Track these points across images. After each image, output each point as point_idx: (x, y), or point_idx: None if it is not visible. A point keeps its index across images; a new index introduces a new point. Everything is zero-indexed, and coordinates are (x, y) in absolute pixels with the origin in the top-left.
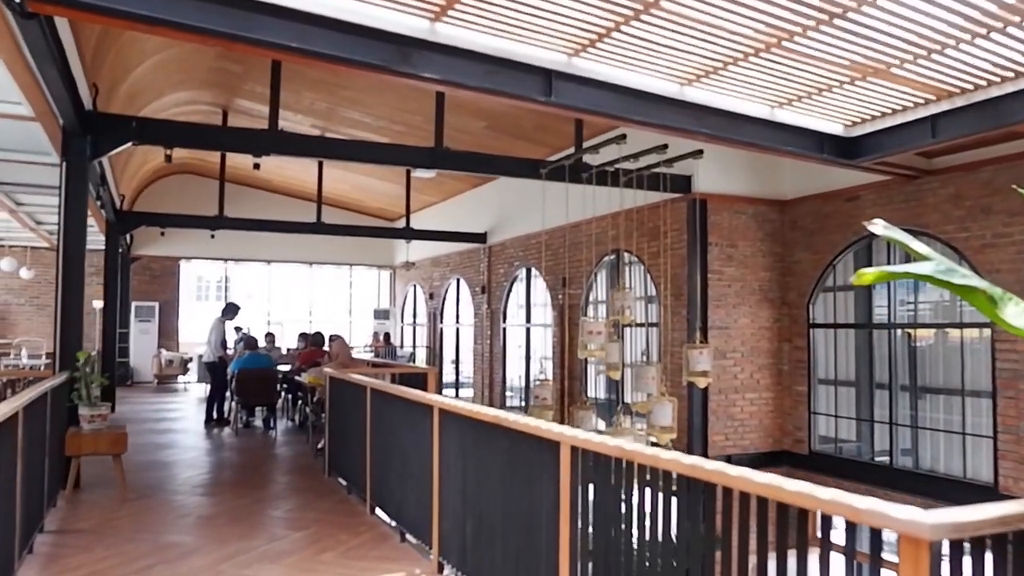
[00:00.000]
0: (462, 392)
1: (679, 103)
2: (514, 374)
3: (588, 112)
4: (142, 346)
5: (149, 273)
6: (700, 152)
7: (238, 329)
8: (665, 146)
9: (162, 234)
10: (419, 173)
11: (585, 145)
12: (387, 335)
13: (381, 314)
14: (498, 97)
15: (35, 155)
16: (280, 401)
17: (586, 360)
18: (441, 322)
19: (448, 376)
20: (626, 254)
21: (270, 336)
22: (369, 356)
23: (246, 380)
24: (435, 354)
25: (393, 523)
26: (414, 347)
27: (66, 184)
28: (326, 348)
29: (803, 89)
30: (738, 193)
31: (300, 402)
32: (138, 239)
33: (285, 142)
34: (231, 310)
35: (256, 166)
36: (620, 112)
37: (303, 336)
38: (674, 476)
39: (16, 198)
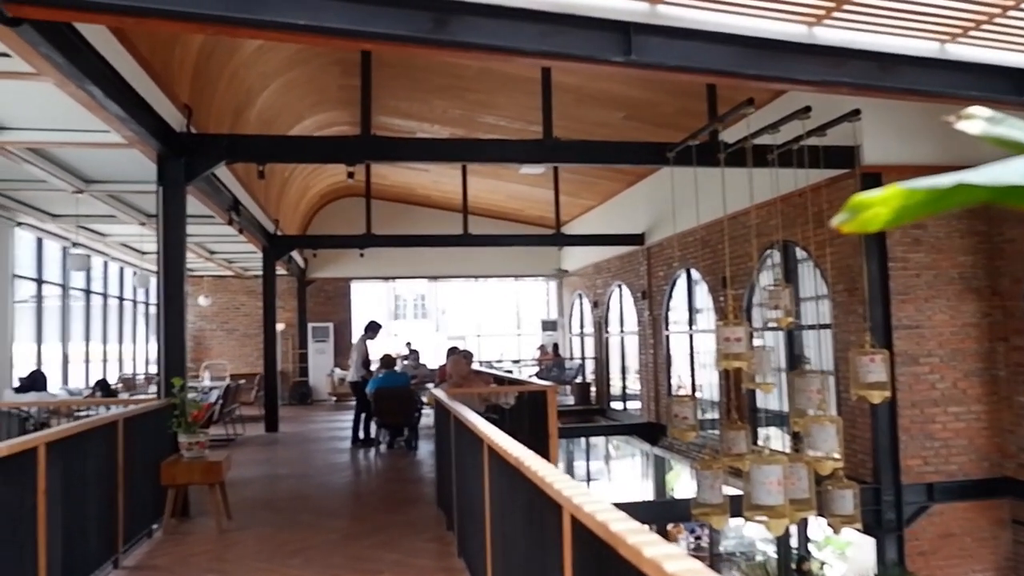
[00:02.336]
0: (630, 405)
1: (807, 48)
2: (680, 385)
3: (683, 70)
4: (319, 365)
5: (324, 295)
6: (856, 113)
7: (407, 345)
8: (807, 109)
9: (314, 255)
10: (527, 169)
11: (715, 120)
12: (555, 346)
13: (549, 325)
14: (563, 62)
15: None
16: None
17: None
18: (606, 331)
19: (617, 388)
20: (791, 246)
21: (414, 353)
22: (534, 369)
23: (383, 399)
24: (602, 365)
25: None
26: (583, 358)
27: (164, 208)
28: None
29: (980, 11)
30: (922, 162)
31: None
32: (312, 263)
33: (377, 148)
34: (373, 328)
35: (350, 175)
36: (727, 66)
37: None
38: None
39: None
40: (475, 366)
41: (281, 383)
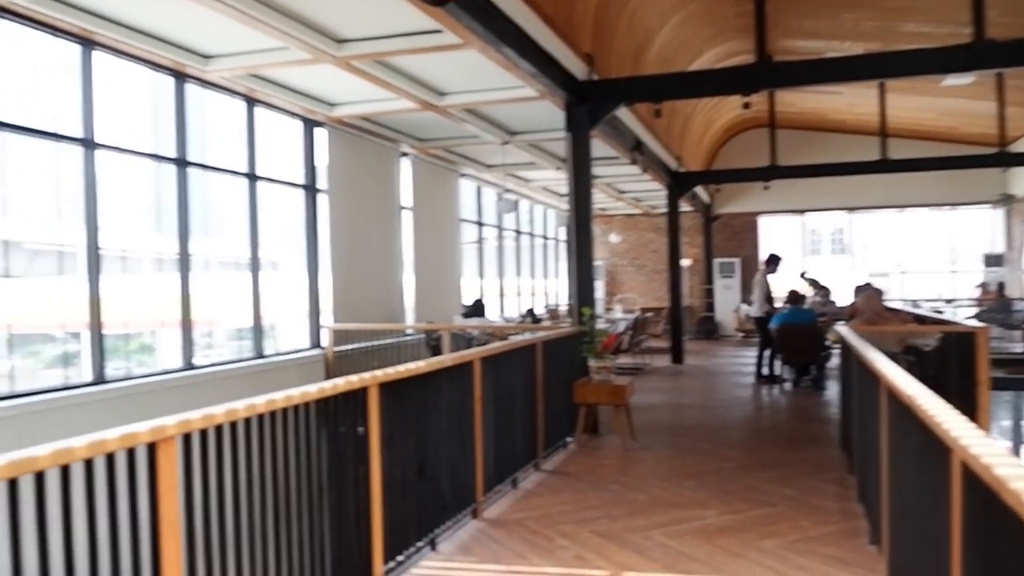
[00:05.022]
0: None
1: None
2: None
3: None
4: (725, 301)
5: (730, 230)
6: None
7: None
8: None
9: (717, 190)
10: (951, 80)
11: None
12: (1000, 285)
13: (993, 260)
14: None
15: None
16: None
17: None
18: None
19: None
20: None
21: (824, 290)
22: (972, 311)
23: (786, 336)
24: None
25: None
26: None
27: (572, 152)
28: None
29: None
30: None
31: None
32: (717, 198)
33: (775, 74)
34: (773, 262)
35: (746, 105)
36: None
37: (857, 289)
38: None
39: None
40: (895, 305)
41: (688, 317)
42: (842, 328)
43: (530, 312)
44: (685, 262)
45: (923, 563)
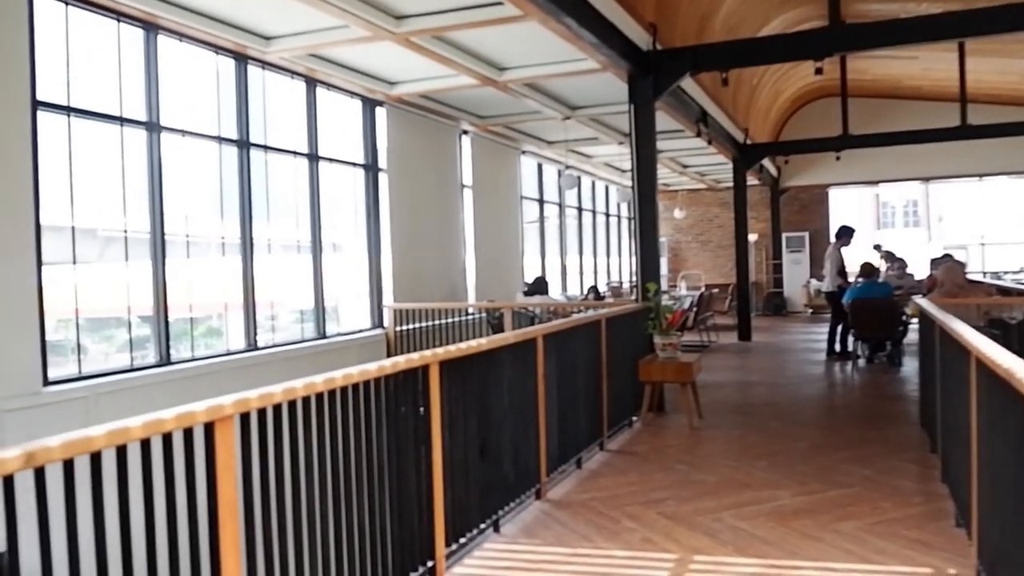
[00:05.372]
0: None
1: None
2: None
3: None
4: (794, 276)
5: (798, 203)
6: None
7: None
8: None
9: (785, 162)
10: None
11: None
12: None
13: None
14: None
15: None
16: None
17: None
18: None
19: None
20: None
21: (899, 262)
22: None
23: (860, 311)
24: None
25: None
26: None
27: (635, 125)
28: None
29: None
30: None
31: None
32: (785, 171)
33: (847, 36)
34: (846, 234)
35: (818, 71)
36: None
37: (934, 262)
38: None
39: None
40: (975, 278)
41: (755, 294)
42: (922, 301)
43: (593, 289)
44: (752, 237)
45: (1019, 545)
